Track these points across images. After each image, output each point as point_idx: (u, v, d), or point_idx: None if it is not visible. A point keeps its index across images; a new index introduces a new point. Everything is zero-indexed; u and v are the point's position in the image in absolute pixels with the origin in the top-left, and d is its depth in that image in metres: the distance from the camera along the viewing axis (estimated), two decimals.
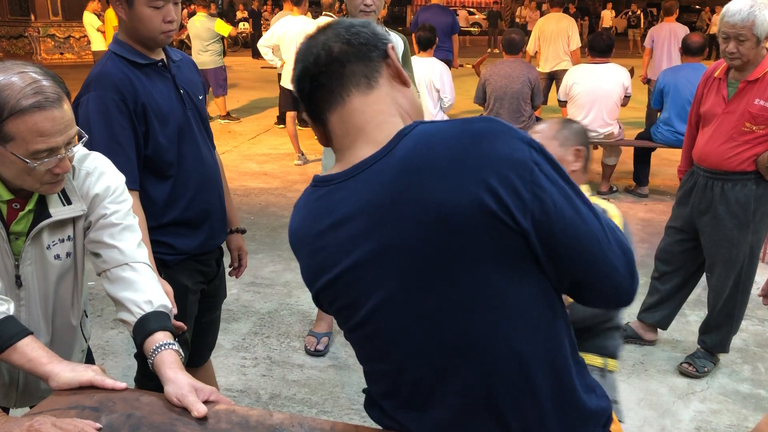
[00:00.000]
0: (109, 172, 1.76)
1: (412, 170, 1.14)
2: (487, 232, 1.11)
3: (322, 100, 1.27)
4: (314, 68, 1.25)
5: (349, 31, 1.26)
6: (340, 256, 1.24)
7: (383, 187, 1.17)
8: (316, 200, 1.30)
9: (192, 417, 1.39)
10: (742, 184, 3.23)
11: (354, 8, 3.32)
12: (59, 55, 18.46)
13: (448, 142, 1.13)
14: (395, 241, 1.16)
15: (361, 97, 1.25)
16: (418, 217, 1.13)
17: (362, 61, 1.24)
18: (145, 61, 2.19)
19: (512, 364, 1.18)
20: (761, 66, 3.09)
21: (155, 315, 1.63)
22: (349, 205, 1.22)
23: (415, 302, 1.18)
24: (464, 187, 1.10)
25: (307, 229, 1.30)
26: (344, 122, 1.26)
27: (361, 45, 1.25)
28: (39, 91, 1.47)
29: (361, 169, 1.21)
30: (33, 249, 1.67)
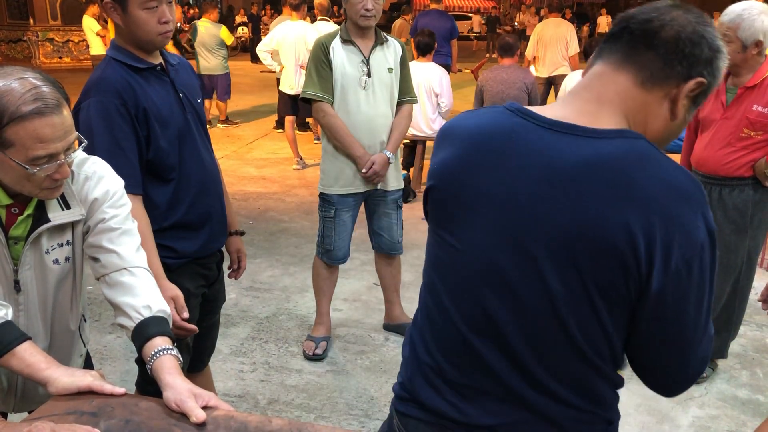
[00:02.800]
0: (108, 177, 1.76)
1: (604, 172, 1.12)
2: (617, 264, 1.11)
3: (612, 49, 1.22)
4: (637, 25, 1.19)
5: (695, 36, 1.17)
6: (491, 185, 1.21)
7: (571, 164, 1.14)
8: (505, 121, 1.24)
9: (191, 423, 1.39)
10: (740, 189, 3.24)
11: (354, 13, 3.33)
12: (58, 59, 18.45)
13: (651, 175, 1.11)
14: (549, 214, 1.14)
15: (629, 82, 1.19)
16: (579, 214, 1.12)
17: (664, 62, 1.17)
18: (143, 66, 2.19)
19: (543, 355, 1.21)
20: (759, 72, 3.09)
21: (154, 320, 1.63)
22: (532, 152, 1.18)
23: (525, 264, 1.18)
24: (630, 218, 1.09)
25: (478, 136, 1.25)
26: (599, 80, 1.22)
27: (684, 54, 1.16)
28: (39, 97, 1.47)
29: (566, 130, 1.18)
30: (32, 253, 1.67)
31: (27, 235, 1.65)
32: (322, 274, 3.75)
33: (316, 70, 3.43)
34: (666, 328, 1.16)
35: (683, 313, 1.15)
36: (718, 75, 1.21)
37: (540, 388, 1.22)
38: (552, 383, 1.22)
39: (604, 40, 1.25)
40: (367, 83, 3.43)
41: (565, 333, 1.18)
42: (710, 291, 1.16)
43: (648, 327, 1.17)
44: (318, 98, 3.42)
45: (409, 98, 3.61)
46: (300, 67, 7.40)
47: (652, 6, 1.21)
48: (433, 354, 1.31)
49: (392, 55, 3.52)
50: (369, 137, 3.48)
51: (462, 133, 1.28)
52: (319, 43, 3.46)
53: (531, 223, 1.16)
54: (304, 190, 7.03)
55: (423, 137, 6.38)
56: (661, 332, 1.17)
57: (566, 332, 1.18)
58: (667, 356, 1.20)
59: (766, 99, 3.09)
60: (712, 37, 1.18)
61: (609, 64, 1.21)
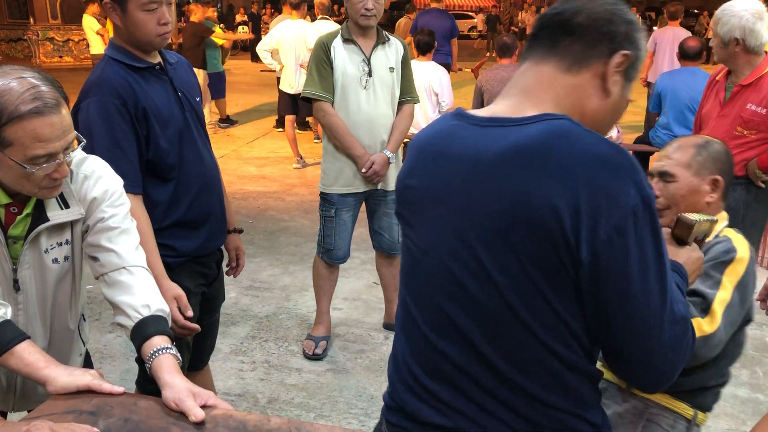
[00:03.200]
0: (107, 176, 1.76)
1: (525, 152, 1.15)
2: (549, 238, 1.11)
3: (532, 46, 1.29)
4: (548, 19, 1.27)
5: (608, 14, 1.24)
6: (428, 183, 1.29)
7: (496, 152, 1.18)
8: (448, 127, 1.32)
9: (189, 421, 1.39)
10: (733, 188, 3.21)
11: (355, 12, 3.33)
12: (58, 58, 18.46)
13: (573, 148, 1.12)
14: (477, 202, 1.19)
15: (554, 71, 1.25)
16: (506, 196, 1.15)
17: (585, 45, 1.23)
18: (142, 65, 2.19)
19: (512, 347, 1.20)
20: (756, 70, 3.10)
21: (153, 319, 1.63)
22: (463, 148, 1.24)
23: (467, 255, 1.20)
24: (555, 192, 1.10)
25: (424, 143, 1.35)
26: (524, 77, 1.29)
27: (601, 33, 1.23)
28: (38, 96, 1.47)
29: (493, 124, 1.23)
30: (31, 253, 1.67)
31: (26, 235, 1.65)
32: (322, 273, 3.75)
33: (317, 69, 3.43)
34: (611, 303, 1.12)
35: (627, 285, 1.11)
36: (640, 45, 1.26)
37: (515, 388, 1.20)
38: (524, 381, 1.19)
39: (526, 44, 1.32)
40: (368, 83, 3.42)
41: (521, 324, 1.16)
42: (661, 265, 1.13)
43: (594, 303, 1.14)
44: (318, 97, 3.42)
45: (410, 98, 3.61)
46: (300, 66, 7.40)
47: (561, 1, 1.29)
48: (410, 364, 1.32)
49: (394, 55, 3.51)
50: (369, 137, 3.48)
51: (414, 144, 1.38)
52: (320, 42, 3.46)
53: (466, 215, 1.21)
54: (304, 189, 7.03)
55: None
56: (607, 309, 1.13)
57: (522, 323, 1.16)
58: (625, 341, 1.15)
59: (759, 97, 3.09)
60: (623, 12, 1.25)
61: (533, 60, 1.28)
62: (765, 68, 3.09)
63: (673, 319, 1.15)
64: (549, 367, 1.19)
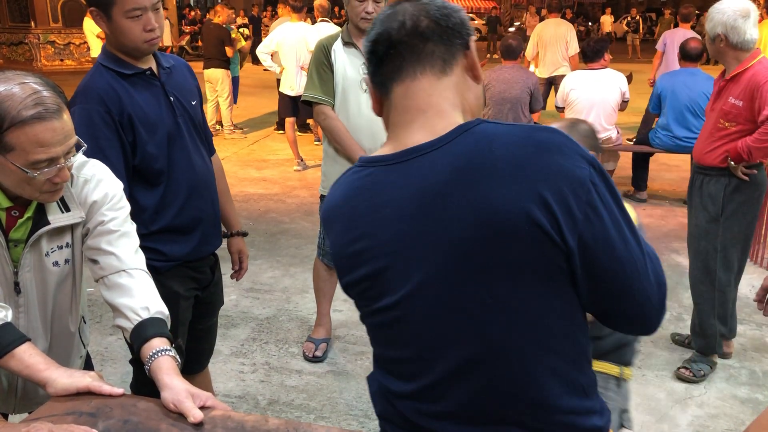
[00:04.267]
0: (107, 180, 1.78)
1: (469, 169, 1.12)
2: (532, 244, 1.10)
3: (394, 69, 1.23)
4: (396, 35, 1.22)
5: (440, 11, 1.23)
6: (379, 238, 1.21)
7: (436, 179, 1.15)
8: (361, 179, 1.26)
9: (188, 422, 1.40)
10: (716, 179, 3.35)
11: (355, 16, 3.33)
12: (59, 61, 18.50)
13: (511, 147, 1.11)
14: (439, 233, 1.14)
15: (432, 78, 1.22)
16: (468, 216, 1.11)
17: (444, 44, 1.22)
18: (131, 71, 2.19)
19: (521, 373, 1.17)
20: (740, 66, 3.19)
21: (152, 321, 1.64)
22: (397, 190, 1.19)
23: (447, 294, 1.16)
24: (519, 195, 1.08)
25: (347, 207, 1.26)
26: (408, 98, 1.23)
27: (448, 28, 1.22)
28: (39, 102, 1.49)
29: (415, 155, 1.18)
30: (32, 256, 1.68)
31: (27, 238, 1.66)
32: (322, 275, 3.76)
33: (317, 72, 3.43)
34: (606, 273, 1.14)
35: (613, 249, 1.13)
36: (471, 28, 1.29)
37: (529, 403, 1.19)
38: (537, 394, 1.19)
39: (372, 73, 1.27)
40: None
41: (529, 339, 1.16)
42: (624, 213, 1.15)
43: (589, 280, 1.15)
44: (319, 101, 3.42)
45: None
46: (301, 68, 7.41)
47: (381, 17, 1.25)
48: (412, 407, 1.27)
49: None
50: (370, 140, 3.47)
51: (334, 210, 1.31)
52: (320, 45, 3.46)
53: (438, 253, 1.15)
54: (305, 191, 7.04)
55: None
56: (603, 279, 1.14)
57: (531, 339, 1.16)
58: (626, 298, 1.17)
59: (738, 91, 3.19)
60: (444, 4, 1.24)
61: (405, 80, 1.23)
62: (748, 64, 3.16)
63: (650, 257, 1.18)
64: (560, 372, 1.19)
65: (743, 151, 3.15)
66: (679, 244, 5.29)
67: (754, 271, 4.86)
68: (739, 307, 3.76)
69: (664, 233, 5.72)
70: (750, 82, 3.12)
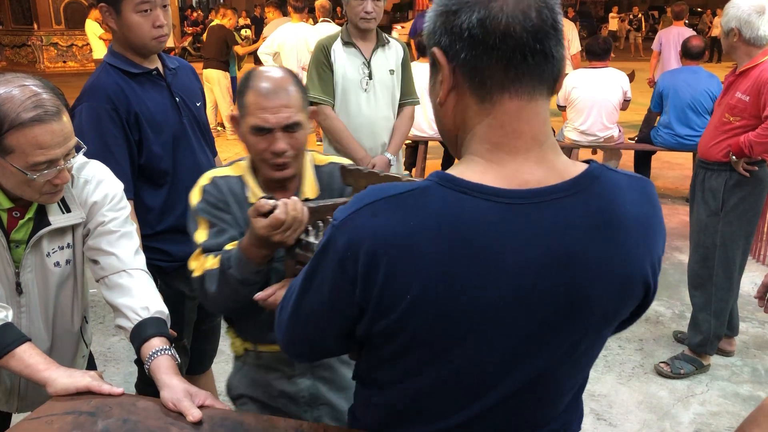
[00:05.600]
0: (108, 180, 1.79)
1: (611, 225, 1.01)
2: (632, 303, 1.10)
3: (511, 75, 0.96)
4: (519, 31, 0.94)
5: (557, 9, 0.98)
6: (489, 294, 0.98)
7: (574, 235, 0.98)
8: (472, 212, 0.96)
9: (187, 421, 1.41)
10: (718, 173, 3.36)
11: (354, 16, 3.33)
12: (62, 63, 18.55)
13: (637, 205, 1.04)
14: (580, 297, 1.01)
15: (544, 102, 1.00)
16: (615, 277, 1.02)
17: (558, 58, 0.98)
18: (138, 71, 2.21)
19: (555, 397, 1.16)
20: (751, 61, 3.21)
21: (152, 321, 1.65)
22: (523, 240, 0.97)
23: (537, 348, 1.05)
24: (643, 259, 1.05)
25: (446, 241, 0.96)
26: (522, 121, 0.98)
27: (560, 36, 0.98)
28: (39, 104, 1.49)
29: (545, 198, 0.98)
30: (33, 257, 1.69)
31: (28, 239, 1.67)
32: None
33: (317, 72, 3.44)
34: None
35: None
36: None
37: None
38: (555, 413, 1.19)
39: (468, 63, 0.97)
40: (369, 85, 3.43)
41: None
42: None
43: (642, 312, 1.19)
44: (319, 101, 3.43)
45: (410, 100, 3.62)
46: (302, 68, 7.42)
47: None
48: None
49: (394, 57, 3.52)
50: (370, 139, 3.49)
51: (416, 243, 0.96)
52: (320, 45, 3.47)
53: (542, 313, 1.03)
54: None
55: (425, 138, 6.40)
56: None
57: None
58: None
59: (745, 85, 3.20)
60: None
61: (518, 97, 0.98)
62: (759, 60, 3.17)
63: None
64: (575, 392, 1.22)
65: (745, 145, 3.15)
66: (681, 242, 5.29)
67: (756, 269, 4.85)
68: (741, 304, 3.77)
69: (667, 231, 5.70)
70: (759, 78, 3.14)
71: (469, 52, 0.96)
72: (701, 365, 3.52)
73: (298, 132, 1.66)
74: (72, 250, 1.76)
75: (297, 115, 1.65)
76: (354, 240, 0.99)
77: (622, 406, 3.23)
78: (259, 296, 1.58)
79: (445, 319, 0.99)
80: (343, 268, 1.01)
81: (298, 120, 1.65)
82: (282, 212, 1.47)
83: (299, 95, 1.68)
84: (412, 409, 1.14)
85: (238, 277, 1.58)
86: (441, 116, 1.07)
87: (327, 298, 1.07)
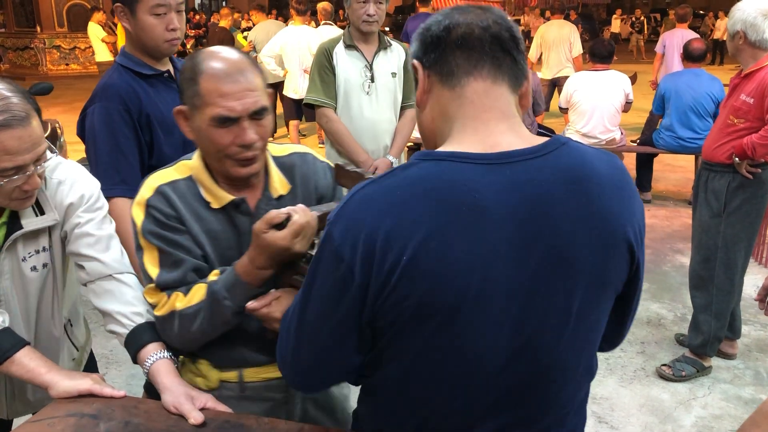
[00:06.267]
0: (82, 180, 1.74)
1: (583, 180, 1.09)
2: (620, 262, 1.15)
3: (472, 62, 1.12)
4: (478, 32, 1.11)
5: (516, 31, 1.15)
6: (480, 245, 1.03)
7: (547, 188, 1.07)
8: (448, 172, 1.05)
9: (189, 424, 1.41)
10: (721, 175, 3.37)
11: (357, 18, 3.34)
12: (65, 66, 18.58)
13: (607, 167, 1.14)
14: (548, 240, 1.07)
15: (507, 91, 1.14)
16: (582, 228, 1.08)
17: (517, 65, 1.14)
18: (150, 72, 2.23)
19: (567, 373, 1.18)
20: (756, 64, 3.21)
21: (146, 327, 1.62)
22: (501, 193, 1.04)
23: (534, 300, 1.08)
24: (620, 214, 1.12)
25: (431, 200, 1.03)
26: (489, 98, 1.12)
27: (520, 51, 1.16)
28: (6, 109, 1.45)
29: (516, 159, 1.07)
30: (9, 262, 1.67)
31: (2, 244, 1.64)
32: None
33: (319, 75, 3.45)
34: (638, 290, 1.26)
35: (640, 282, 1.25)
36: None
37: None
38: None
39: (437, 59, 1.14)
40: (371, 88, 3.44)
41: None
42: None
43: (625, 298, 1.24)
44: (321, 104, 3.43)
45: (412, 102, 3.62)
46: (304, 71, 7.43)
47: (459, 9, 1.16)
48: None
49: (395, 60, 3.53)
50: (372, 142, 3.49)
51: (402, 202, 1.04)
52: (322, 48, 3.48)
53: (533, 262, 1.09)
54: None
55: None
56: (634, 297, 1.27)
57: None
58: (632, 314, 1.30)
59: (750, 88, 3.20)
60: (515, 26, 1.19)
61: (482, 79, 1.13)
62: (764, 63, 3.18)
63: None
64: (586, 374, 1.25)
65: (748, 147, 3.16)
66: (683, 245, 5.28)
67: (758, 271, 4.85)
68: (743, 307, 3.76)
69: (669, 234, 5.71)
70: (763, 80, 3.14)
71: (438, 51, 1.14)
72: (702, 367, 3.52)
73: (265, 119, 1.48)
74: (49, 253, 1.73)
75: (263, 98, 1.47)
76: (350, 226, 1.06)
77: (623, 409, 3.23)
78: (252, 305, 1.43)
79: (443, 279, 1.03)
80: (341, 257, 1.05)
81: (265, 104, 1.48)
82: (302, 217, 1.37)
83: (260, 75, 1.50)
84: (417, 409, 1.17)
85: (234, 307, 1.45)
86: (421, 119, 1.21)
87: (328, 296, 1.10)
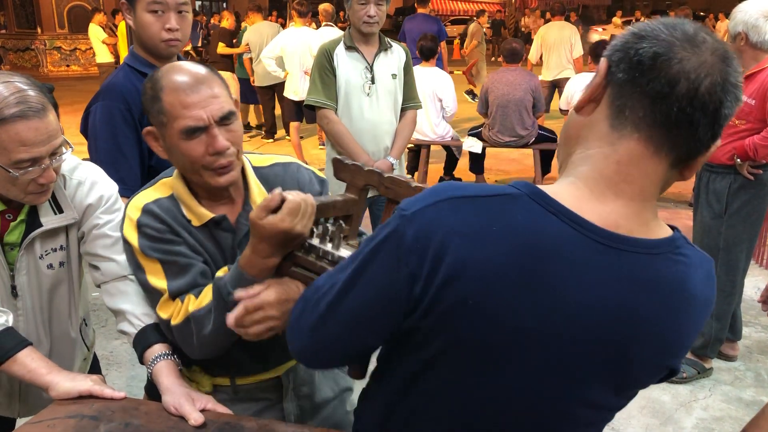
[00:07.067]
0: (102, 182, 1.76)
1: (679, 298, 1.00)
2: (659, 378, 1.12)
3: (648, 120, 0.95)
4: (689, 93, 0.92)
5: (737, 90, 1.00)
6: (538, 319, 0.96)
7: (640, 296, 0.98)
8: (559, 235, 0.95)
9: (189, 425, 1.41)
10: (722, 176, 3.36)
11: (357, 20, 3.34)
12: (65, 67, 18.58)
13: (706, 288, 1.05)
14: (627, 358, 1.01)
15: (666, 165, 0.98)
16: (659, 350, 1.03)
17: (695, 136, 0.97)
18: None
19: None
20: (758, 65, 3.22)
21: (155, 327, 1.63)
22: (601, 283, 0.96)
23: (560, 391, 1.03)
24: (690, 338, 1.06)
25: (511, 253, 0.95)
26: (638, 169, 0.97)
27: (712, 125, 0.98)
28: (22, 100, 1.47)
29: (627, 248, 0.97)
30: (26, 259, 1.69)
31: (21, 241, 1.66)
32: None
33: (319, 77, 3.45)
34: None
35: None
36: None
37: None
38: None
39: (623, 90, 0.96)
40: (371, 89, 3.44)
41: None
42: None
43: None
44: (322, 105, 3.43)
45: (413, 104, 3.62)
46: (305, 73, 7.43)
47: (688, 46, 0.94)
48: None
49: (396, 61, 3.53)
50: (373, 143, 3.49)
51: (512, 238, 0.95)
52: (322, 49, 3.48)
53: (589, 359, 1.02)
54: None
55: (427, 142, 6.40)
56: None
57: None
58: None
59: (752, 89, 3.20)
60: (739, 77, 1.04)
61: (642, 142, 0.96)
62: (765, 64, 3.20)
63: None
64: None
65: (749, 148, 3.16)
66: None
67: (759, 273, 4.84)
68: (744, 309, 3.76)
69: None
70: (765, 81, 3.14)
71: (628, 73, 0.95)
72: (703, 368, 3.51)
73: (234, 123, 1.49)
74: (66, 252, 1.75)
75: (228, 103, 1.48)
76: (425, 232, 0.95)
77: (624, 411, 3.19)
78: (241, 294, 1.34)
79: (495, 333, 0.97)
80: (404, 262, 0.97)
81: (232, 108, 1.49)
82: (296, 196, 1.32)
83: (221, 83, 1.50)
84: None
85: None
86: (571, 123, 1.05)
87: (374, 296, 1.03)
